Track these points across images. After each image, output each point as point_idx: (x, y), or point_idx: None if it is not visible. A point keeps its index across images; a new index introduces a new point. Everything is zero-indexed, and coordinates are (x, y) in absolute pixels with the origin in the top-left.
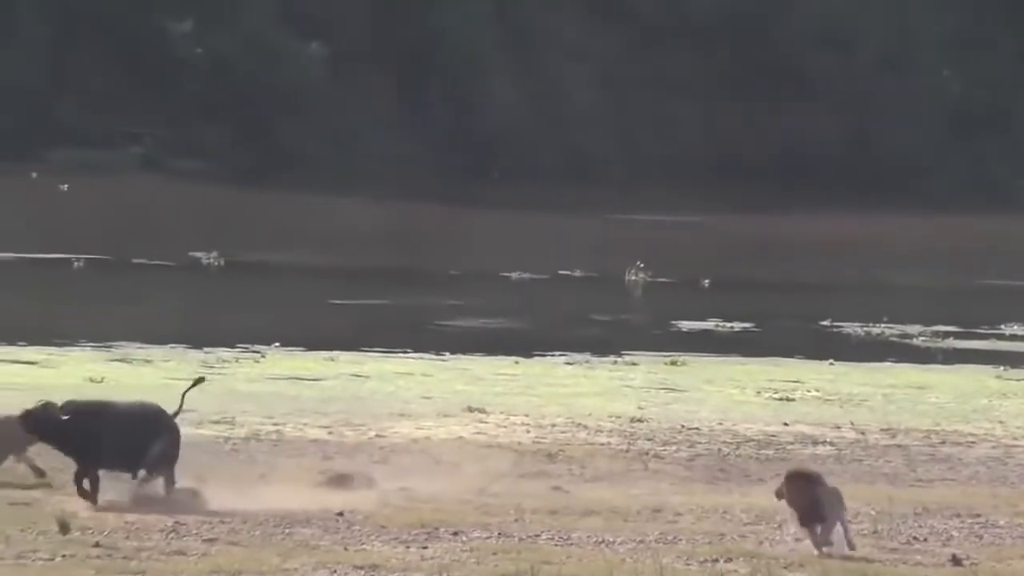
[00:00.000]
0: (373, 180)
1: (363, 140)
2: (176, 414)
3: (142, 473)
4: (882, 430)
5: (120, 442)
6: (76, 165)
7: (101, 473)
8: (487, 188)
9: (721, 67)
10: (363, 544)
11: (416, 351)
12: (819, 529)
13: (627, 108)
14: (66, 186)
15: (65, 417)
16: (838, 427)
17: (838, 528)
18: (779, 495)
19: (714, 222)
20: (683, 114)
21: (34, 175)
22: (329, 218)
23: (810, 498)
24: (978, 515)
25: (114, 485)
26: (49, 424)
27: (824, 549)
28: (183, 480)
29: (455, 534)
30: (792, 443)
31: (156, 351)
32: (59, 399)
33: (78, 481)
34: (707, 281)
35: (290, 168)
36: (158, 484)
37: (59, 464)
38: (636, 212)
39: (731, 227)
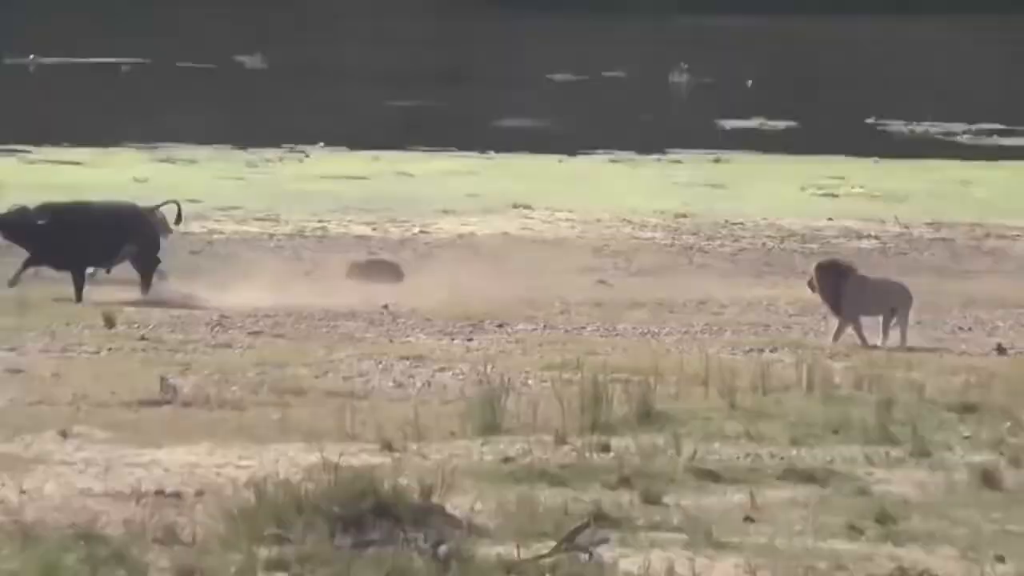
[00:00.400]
0: None
1: None
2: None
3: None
4: (927, 224)
5: (95, 242)
6: None
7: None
8: None
9: None
10: (408, 336)
11: (461, 150)
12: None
13: None
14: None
15: (41, 222)
16: (883, 222)
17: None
18: (811, 286)
19: (758, 22)
20: None
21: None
22: (373, 19)
23: (834, 289)
24: (1023, 306)
25: (157, 281)
26: (25, 228)
27: (834, 339)
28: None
29: (500, 326)
30: (837, 237)
31: (201, 151)
32: (106, 197)
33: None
34: (751, 81)
35: None
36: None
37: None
38: (681, 13)
39: (776, 28)
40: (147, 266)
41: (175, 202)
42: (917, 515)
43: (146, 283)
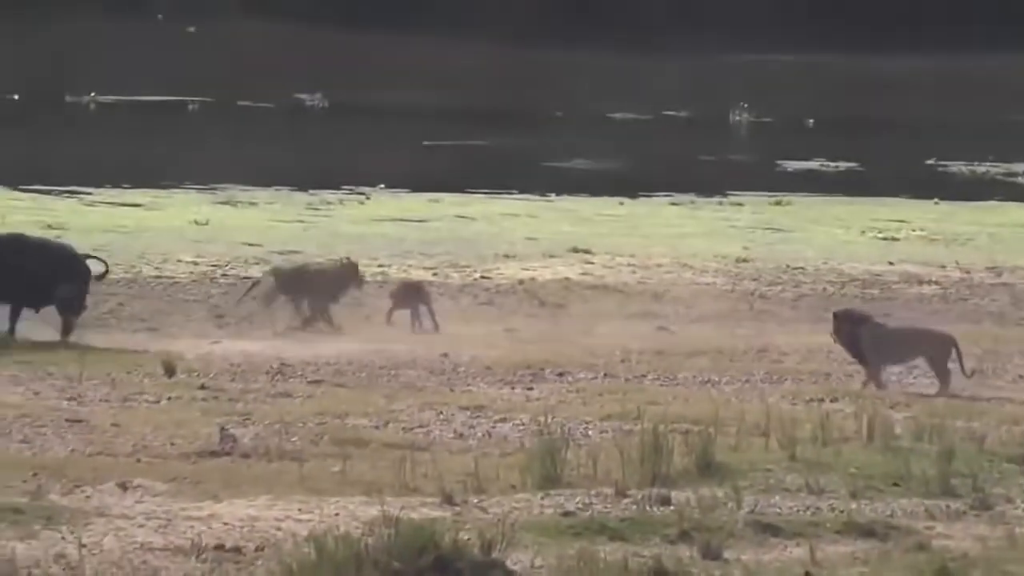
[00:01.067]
0: (481, 21)
1: None
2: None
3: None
4: (988, 269)
5: (27, 279)
6: (180, 7)
7: None
8: (594, 29)
9: None
10: (469, 385)
11: (521, 192)
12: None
13: None
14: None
15: None
16: (943, 266)
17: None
18: (833, 335)
19: (819, 61)
20: None
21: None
22: (435, 59)
23: (850, 338)
24: None
25: (216, 330)
26: None
27: (875, 388)
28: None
29: (560, 375)
30: (897, 282)
31: (261, 193)
32: (166, 241)
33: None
34: (811, 121)
35: (397, 9)
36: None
37: (164, 308)
38: (742, 52)
39: (836, 66)
40: (72, 312)
41: (103, 262)
42: (977, 571)
43: (67, 329)
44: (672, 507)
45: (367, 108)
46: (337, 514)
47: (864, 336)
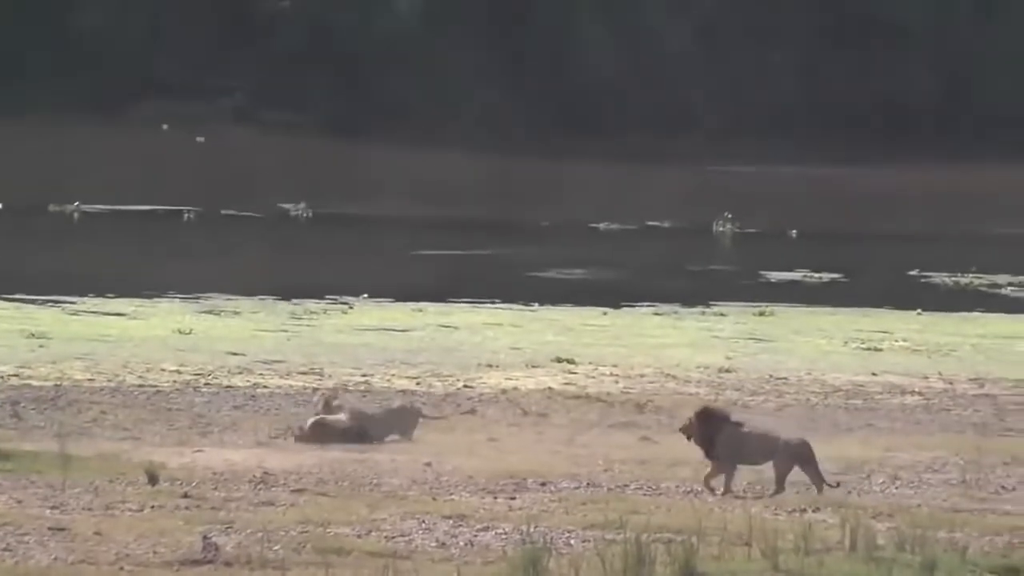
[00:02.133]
0: (464, 132)
1: (455, 92)
2: None
3: None
4: (971, 380)
5: None
6: (168, 117)
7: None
8: (579, 139)
9: (818, 18)
10: (451, 494)
11: (505, 302)
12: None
13: (723, 58)
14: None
15: None
16: (926, 377)
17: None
18: (686, 433)
19: (804, 173)
20: (778, 64)
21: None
22: (419, 170)
23: (705, 437)
24: None
25: (199, 438)
26: None
27: (717, 491)
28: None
29: (543, 484)
30: (880, 393)
31: (245, 302)
32: (149, 350)
33: None
34: (795, 232)
35: (381, 120)
36: None
37: (147, 416)
38: (727, 163)
39: (819, 177)
40: None
41: None
42: None
43: None
44: None
45: (351, 218)
46: None
47: (723, 436)
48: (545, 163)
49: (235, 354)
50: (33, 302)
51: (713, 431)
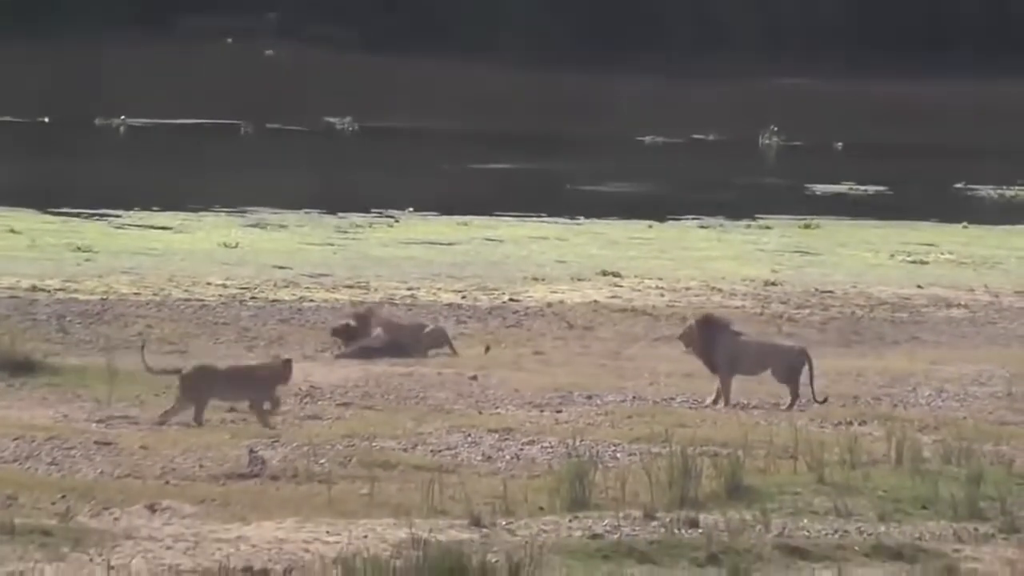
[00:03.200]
0: (508, 45)
1: (498, 5)
2: None
3: None
4: (1016, 292)
5: None
6: (212, 32)
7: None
8: (622, 53)
9: None
10: (497, 408)
11: (550, 215)
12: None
13: None
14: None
15: None
16: (972, 290)
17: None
18: (686, 341)
19: (848, 86)
20: None
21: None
22: (463, 84)
23: (704, 346)
24: None
25: (245, 352)
26: None
27: (715, 403)
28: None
29: (589, 398)
30: (926, 306)
31: (290, 216)
32: (195, 264)
33: None
34: (840, 144)
35: (425, 34)
36: None
37: (193, 330)
38: (770, 76)
39: (865, 91)
40: None
41: None
42: None
43: None
44: (700, 530)
45: (396, 132)
46: (365, 536)
47: (720, 345)
48: (589, 77)
49: (281, 268)
50: (79, 215)
51: (712, 340)
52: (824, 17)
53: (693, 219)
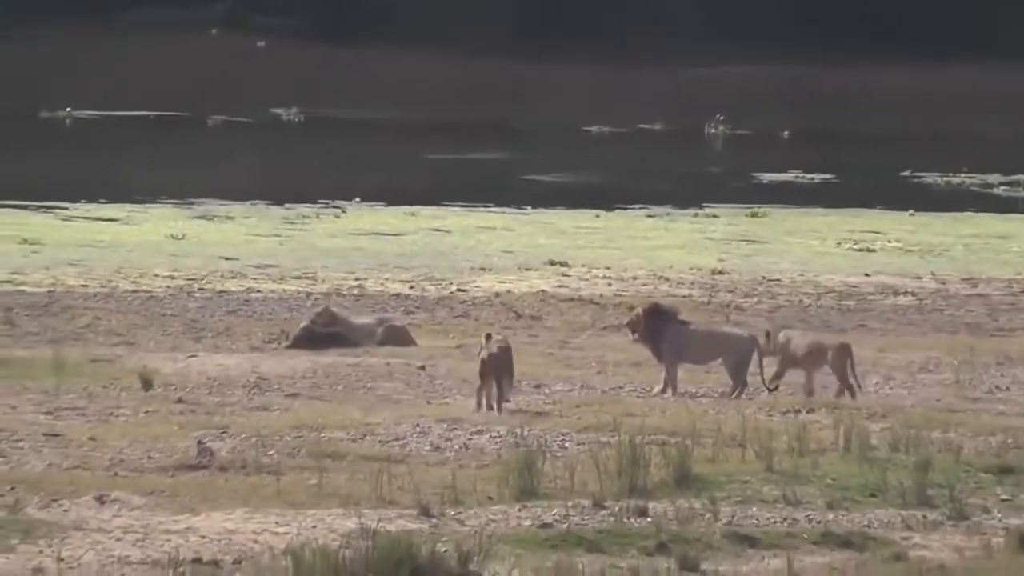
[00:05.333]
0: (455, 35)
1: None
2: None
3: None
4: (963, 280)
5: None
6: (158, 23)
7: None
8: (569, 42)
9: None
10: (445, 398)
11: (498, 205)
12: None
13: None
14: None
15: None
16: (919, 277)
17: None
18: (632, 328)
19: (795, 74)
20: None
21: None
22: (409, 73)
23: (650, 334)
24: None
25: (193, 344)
26: None
27: (663, 392)
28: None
29: (537, 387)
30: (873, 293)
31: (237, 207)
32: (142, 255)
33: None
34: (787, 132)
35: (369, 24)
36: None
37: (141, 322)
38: (716, 65)
39: (812, 79)
40: None
41: None
42: None
43: None
44: (649, 519)
45: (343, 122)
46: (314, 527)
47: (667, 334)
48: (535, 66)
49: (228, 259)
50: (26, 208)
51: (659, 328)
52: (769, 4)
53: (640, 208)
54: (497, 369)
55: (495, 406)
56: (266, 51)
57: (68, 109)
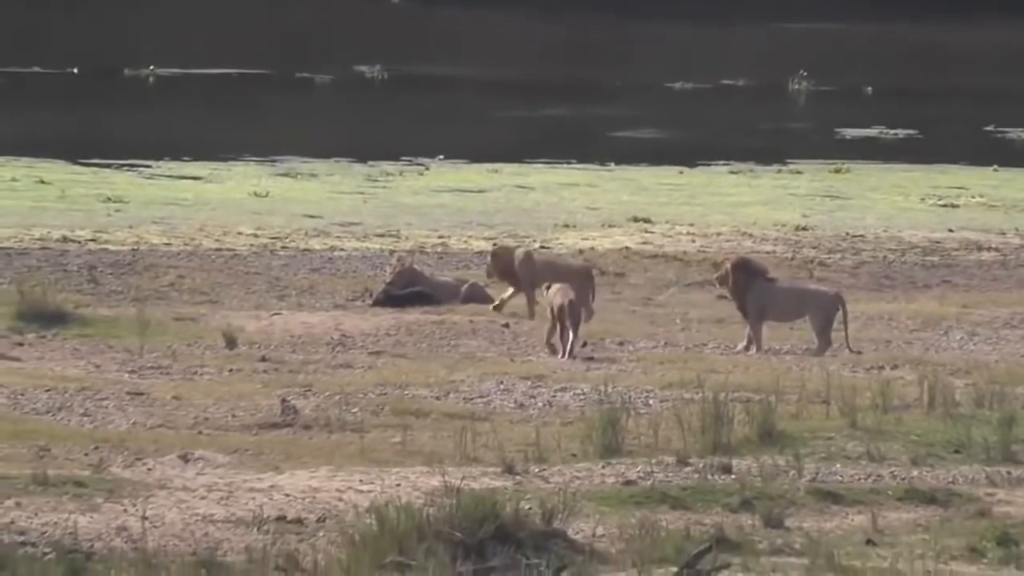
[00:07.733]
0: None
1: None
2: None
3: None
4: None
5: None
6: None
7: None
8: (648, 1)
9: None
10: (529, 355)
11: (581, 162)
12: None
13: None
14: None
15: None
16: (1003, 233)
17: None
18: (722, 282)
19: (878, 30)
20: None
21: None
22: (493, 31)
23: (737, 288)
24: None
25: (277, 302)
26: None
27: (747, 349)
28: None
29: (621, 344)
30: (957, 249)
31: (321, 165)
32: (226, 213)
33: None
34: (870, 88)
35: None
36: None
37: (225, 280)
38: (799, 21)
39: (895, 34)
40: None
41: None
42: None
43: None
44: (733, 475)
45: (426, 79)
46: (398, 484)
47: (753, 291)
48: (617, 23)
49: (312, 217)
50: (109, 166)
51: (746, 284)
52: None
53: (723, 164)
54: (571, 315)
55: (566, 351)
56: (352, 8)
57: (151, 67)
